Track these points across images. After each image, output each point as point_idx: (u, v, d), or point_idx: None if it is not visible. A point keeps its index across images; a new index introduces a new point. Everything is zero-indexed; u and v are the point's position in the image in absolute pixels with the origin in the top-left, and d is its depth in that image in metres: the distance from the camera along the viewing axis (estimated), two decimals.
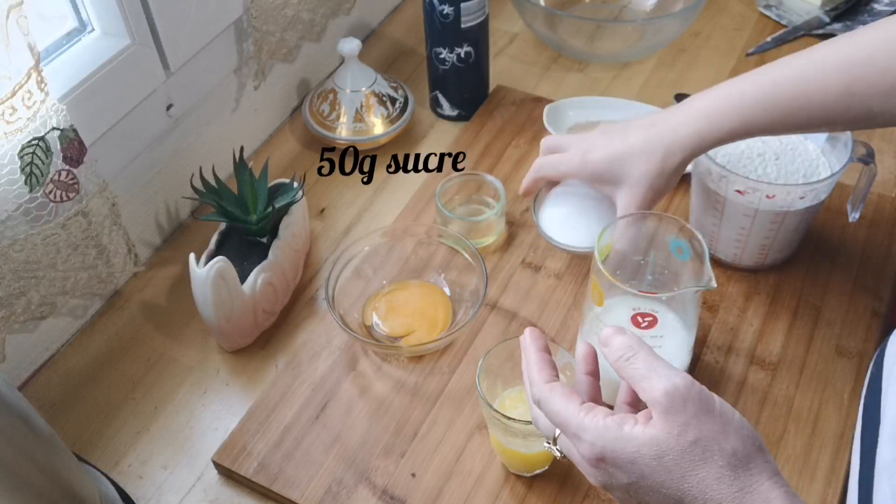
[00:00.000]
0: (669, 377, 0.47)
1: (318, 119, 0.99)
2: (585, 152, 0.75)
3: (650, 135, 0.72)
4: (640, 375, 0.48)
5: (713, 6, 1.17)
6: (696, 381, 0.48)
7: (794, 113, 0.66)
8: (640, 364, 0.49)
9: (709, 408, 0.47)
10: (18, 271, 0.73)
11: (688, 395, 0.46)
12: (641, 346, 0.50)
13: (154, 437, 0.76)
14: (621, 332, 0.51)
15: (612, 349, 0.51)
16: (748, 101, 0.68)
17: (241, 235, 0.83)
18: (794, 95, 0.66)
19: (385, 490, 0.70)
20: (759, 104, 0.67)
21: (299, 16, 1.00)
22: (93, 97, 0.77)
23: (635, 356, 0.49)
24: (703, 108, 0.70)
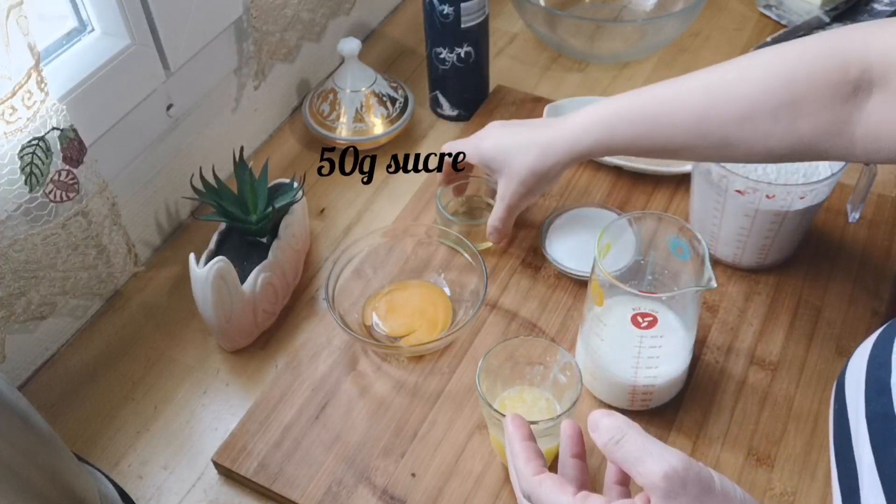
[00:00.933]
0: (666, 458, 0.45)
1: (318, 119, 0.99)
2: (481, 139, 0.82)
3: (534, 135, 0.78)
4: (634, 458, 0.47)
5: (713, 6, 1.17)
6: (692, 460, 0.46)
7: (657, 131, 0.69)
8: (632, 446, 0.47)
9: (709, 487, 0.45)
10: (18, 271, 0.73)
11: (687, 477, 0.45)
12: (631, 427, 0.48)
13: (154, 437, 0.76)
14: (609, 414, 0.50)
15: (601, 433, 0.49)
16: (619, 113, 0.72)
17: (241, 235, 0.83)
18: (659, 113, 0.69)
19: (385, 490, 0.70)
20: (626, 118, 0.71)
21: (299, 16, 1.00)
22: (93, 97, 0.77)
23: (625, 438, 0.47)
24: (581, 118, 0.74)
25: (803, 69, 0.62)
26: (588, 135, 0.74)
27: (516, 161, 0.78)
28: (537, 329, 0.81)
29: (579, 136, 0.74)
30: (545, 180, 0.78)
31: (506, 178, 0.79)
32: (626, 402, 0.73)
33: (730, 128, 0.66)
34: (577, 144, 0.75)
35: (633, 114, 0.71)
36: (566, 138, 0.75)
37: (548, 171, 0.77)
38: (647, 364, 0.69)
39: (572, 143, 0.75)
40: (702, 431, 0.72)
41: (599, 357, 0.71)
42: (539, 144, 0.77)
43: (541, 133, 0.77)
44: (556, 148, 0.76)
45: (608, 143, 0.73)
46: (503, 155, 0.79)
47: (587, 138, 0.74)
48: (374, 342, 0.79)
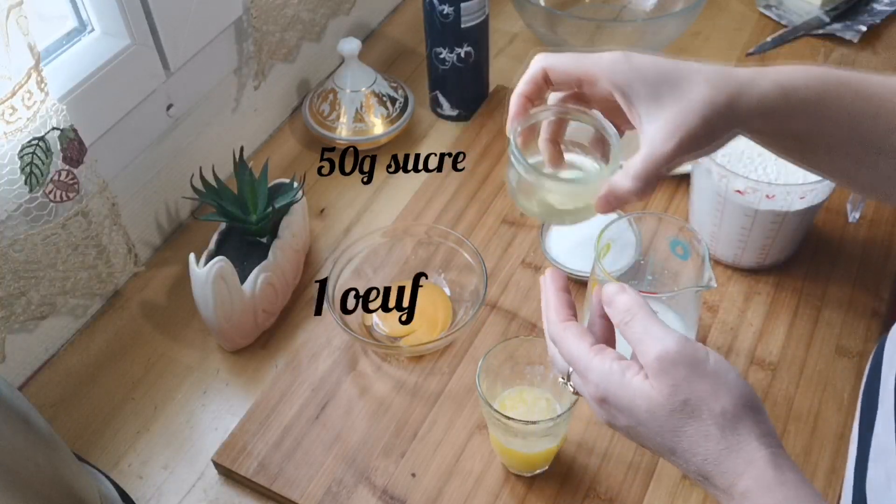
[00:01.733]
0: (662, 340, 0.48)
1: (318, 119, 0.99)
2: (627, 53, 0.56)
3: (719, 68, 0.55)
4: (637, 339, 0.50)
5: (713, 6, 1.17)
6: (689, 342, 0.49)
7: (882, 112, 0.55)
8: (638, 327, 0.50)
9: (700, 369, 0.48)
10: (18, 271, 0.73)
11: (678, 359, 0.48)
12: (640, 308, 0.51)
13: (154, 437, 0.76)
14: (623, 290, 0.52)
15: (615, 311, 0.52)
16: (836, 75, 0.55)
17: (241, 235, 0.83)
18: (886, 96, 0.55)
19: (385, 490, 0.70)
20: (847, 84, 0.55)
21: (299, 16, 1.00)
22: (93, 97, 0.77)
23: (633, 319, 0.50)
24: (780, 67, 0.55)
25: None
26: (799, 78, 0.54)
27: (699, 92, 0.53)
28: (537, 329, 0.81)
29: (789, 76, 0.54)
30: (726, 133, 0.55)
31: (675, 112, 0.53)
32: None
33: None
34: (788, 83, 0.53)
35: (861, 85, 0.55)
36: (772, 72, 0.54)
37: (744, 115, 0.54)
38: None
39: (781, 79, 0.53)
40: None
41: None
42: (738, 80, 0.54)
43: (729, 70, 0.55)
44: (759, 90, 0.53)
45: (827, 104, 0.54)
46: (674, 77, 0.54)
47: (798, 80, 0.53)
48: (374, 342, 0.79)
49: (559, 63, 0.57)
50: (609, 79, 0.55)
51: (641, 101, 0.54)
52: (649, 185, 0.55)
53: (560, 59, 0.57)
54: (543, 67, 0.57)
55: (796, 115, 0.54)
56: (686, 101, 0.53)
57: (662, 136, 0.53)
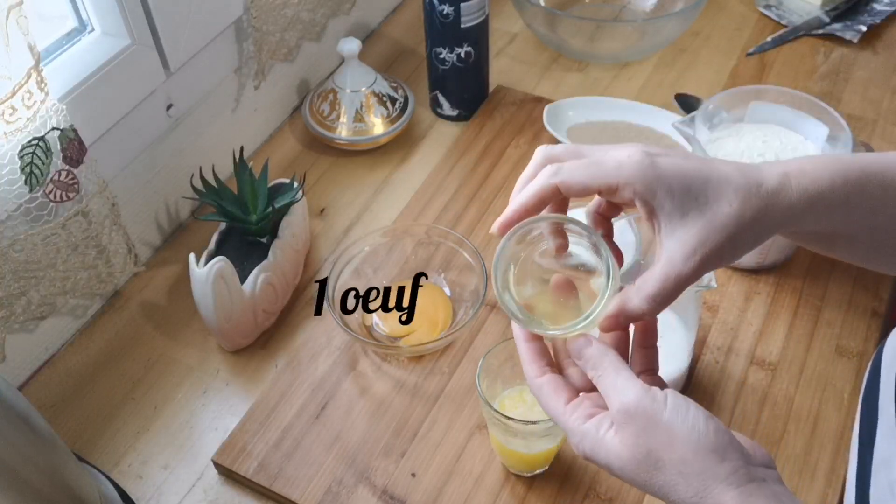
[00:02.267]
0: (623, 393, 0.49)
1: (318, 119, 0.99)
2: (650, 154, 0.50)
3: (748, 175, 0.50)
4: (605, 392, 0.50)
5: (713, 6, 1.17)
6: (648, 392, 0.49)
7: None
8: (605, 380, 0.50)
9: (656, 419, 0.48)
10: (18, 271, 0.73)
11: (637, 410, 0.48)
12: (606, 359, 0.51)
13: (154, 437, 0.76)
14: (588, 343, 0.52)
15: (585, 364, 0.52)
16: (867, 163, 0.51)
17: (241, 235, 0.83)
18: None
19: (385, 490, 0.70)
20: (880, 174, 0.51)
21: (299, 16, 1.00)
22: (93, 97, 0.77)
23: (602, 373, 0.51)
24: (807, 158, 0.52)
25: None
26: (824, 181, 0.49)
27: (729, 201, 0.49)
28: None
29: (816, 181, 0.49)
30: (753, 242, 0.50)
31: (694, 225, 0.49)
32: None
33: None
34: (815, 190, 0.49)
35: (877, 170, 0.51)
36: (797, 176, 0.50)
37: (770, 224, 0.50)
38: None
39: (807, 185, 0.49)
40: None
41: None
42: (757, 182, 0.49)
43: (746, 167, 0.50)
44: (788, 191, 0.49)
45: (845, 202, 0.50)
46: (702, 184, 0.49)
47: (824, 184, 0.49)
48: (374, 342, 0.79)
49: (573, 178, 0.51)
50: (633, 189, 0.50)
51: (664, 213, 0.50)
52: (663, 305, 0.51)
53: (575, 174, 0.51)
54: (554, 185, 0.51)
55: (821, 219, 0.51)
56: (711, 216, 0.49)
57: (683, 253, 0.49)
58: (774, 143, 0.81)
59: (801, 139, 0.81)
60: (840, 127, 0.78)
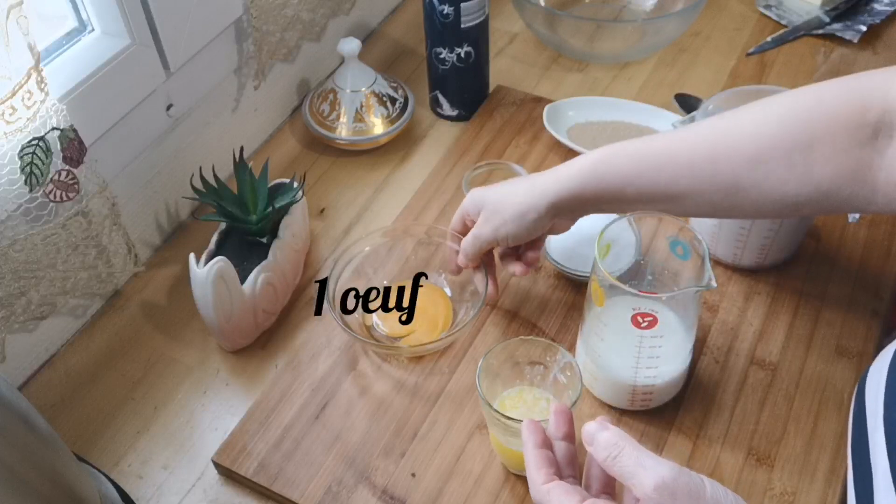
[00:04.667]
0: (656, 471, 0.47)
1: (318, 119, 0.99)
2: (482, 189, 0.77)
3: (531, 181, 0.73)
4: (629, 473, 0.49)
5: (713, 6, 1.17)
6: (683, 469, 0.48)
7: (659, 171, 0.65)
8: (627, 461, 0.49)
9: (699, 496, 0.47)
10: (18, 271, 0.73)
11: (676, 487, 0.47)
12: (626, 441, 0.50)
13: (154, 437, 0.76)
14: (604, 427, 0.52)
15: (599, 448, 0.51)
16: (613, 150, 0.68)
17: (241, 235, 0.83)
18: (661, 151, 0.65)
19: (385, 490, 0.70)
20: (622, 155, 0.67)
21: (299, 16, 1.00)
22: (93, 97, 0.77)
23: (621, 454, 0.50)
24: (576, 160, 0.70)
25: (820, 111, 0.60)
26: (577, 175, 0.69)
27: (508, 201, 0.73)
28: (537, 329, 0.81)
29: (566, 177, 0.69)
30: (526, 228, 0.72)
31: (496, 214, 0.74)
32: (626, 402, 0.73)
33: (740, 170, 0.62)
34: (559, 184, 0.69)
35: (630, 151, 0.67)
36: (553, 178, 0.70)
37: (526, 214, 0.71)
38: (647, 364, 0.69)
39: (555, 183, 0.69)
40: (702, 431, 0.72)
41: (599, 357, 0.71)
42: (531, 186, 0.71)
43: (537, 179, 0.72)
44: (538, 189, 0.70)
45: (598, 184, 0.68)
46: (500, 197, 0.74)
47: (574, 179, 0.69)
48: (374, 342, 0.79)
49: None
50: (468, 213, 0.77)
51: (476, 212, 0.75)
52: (470, 258, 0.76)
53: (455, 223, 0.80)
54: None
55: (583, 197, 0.69)
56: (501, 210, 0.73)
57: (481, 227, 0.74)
58: None
59: None
60: None
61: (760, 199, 0.63)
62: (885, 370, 0.58)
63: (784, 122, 0.61)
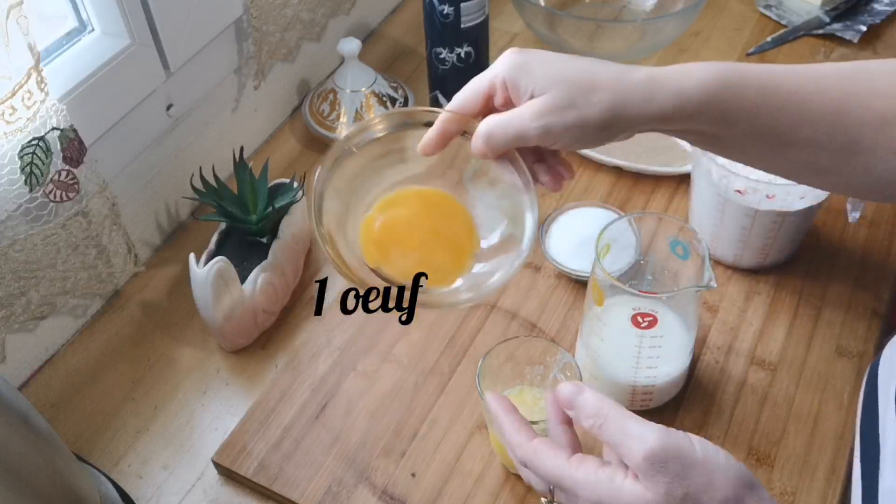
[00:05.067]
0: (643, 438, 0.46)
1: (318, 119, 0.99)
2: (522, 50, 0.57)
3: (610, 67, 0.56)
4: (616, 441, 0.48)
5: (713, 6, 1.17)
6: (670, 431, 0.47)
7: (786, 111, 0.55)
8: (613, 428, 0.48)
9: (690, 460, 0.46)
10: (18, 271, 0.73)
11: (666, 454, 0.46)
12: (609, 407, 0.49)
13: (154, 437, 0.77)
14: (581, 390, 0.50)
15: (582, 416, 0.50)
16: (744, 73, 0.55)
17: (241, 235, 0.83)
18: (793, 90, 0.55)
19: (385, 490, 0.70)
20: (755, 83, 0.55)
21: (299, 16, 1.00)
22: (93, 97, 0.77)
23: (606, 421, 0.48)
24: (687, 66, 0.55)
25: None
26: (698, 92, 0.53)
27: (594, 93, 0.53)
28: (537, 329, 0.81)
29: (683, 83, 0.53)
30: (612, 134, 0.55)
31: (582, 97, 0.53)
32: (626, 402, 0.73)
33: (866, 130, 0.54)
34: (683, 95, 0.53)
35: (760, 80, 0.55)
36: (665, 84, 0.53)
37: (632, 120, 0.54)
38: (647, 364, 0.69)
39: (677, 92, 0.53)
40: (702, 431, 0.72)
41: (599, 357, 0.71)
42: (620, 82, 0.54)
43: (620, 68, 0.55)
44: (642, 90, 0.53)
45: (717, 111, 0.54)
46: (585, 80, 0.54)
47: (691, 86, 0.53)
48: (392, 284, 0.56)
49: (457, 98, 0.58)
50: (502, 78, 0.56)
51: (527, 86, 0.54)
52: (492, 148, 0.55)
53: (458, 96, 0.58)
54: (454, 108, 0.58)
55: (690, 117, 0.54)
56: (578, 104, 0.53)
57: (532, 111, 0.53)
58: None
59: None
60: None
61: (876, 168, 0.56)
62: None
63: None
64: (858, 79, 0.56)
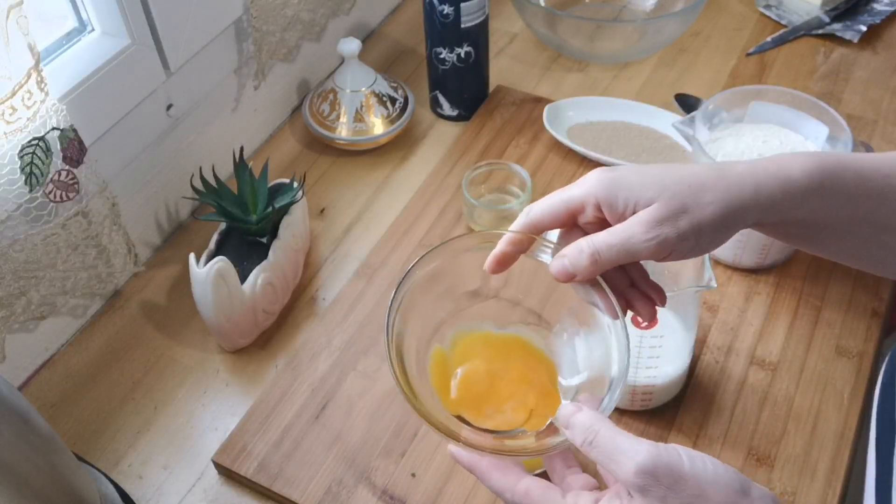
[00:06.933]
0: (634, 454, 0.46)
1: (318, 119, 0.99)
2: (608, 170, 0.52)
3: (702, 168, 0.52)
4: (607, 457, 0.48)
5: (713, 6, 1.17)
6: (660, 447, 0.47)
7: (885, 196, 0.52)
8: (604, 443, 0.48)
9: (680, 473, 0.46)
10: (18, 271, 0.73)
11: (656, 469, 0.46)
12: (601, 424, 0.49)
13: (154, 437, 0.76)
14: (577, 409, 0.50)
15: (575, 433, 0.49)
16: (841, 160, 0.52)
17: (241, 235, 0.83)
18: (888, 172, 0.52)
19: (385, 490, 0.70)
20: (853, 168, 0.52)
21: (299, 16, 1.00)
22: (93, 97, 0.77)
23: (597, 437, 0.48)
24: (779, 156, 0.53)
25: None
26: (805, 168, 0.51)
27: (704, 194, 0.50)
28: None
29: (787, 168, 0.51)
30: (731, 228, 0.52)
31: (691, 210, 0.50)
32: (626, 402, 0.73)
33: None
34: (790, 181, 0.51)
35: (862, 163, 0.52)
36: (769, 172, 0.51)
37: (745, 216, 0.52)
38: (647, 364, 0.69)
39: (784, 179, 0.51)
40: (702, 431, 0.72)
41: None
42: (725, 177, 0.51)
43: (718, 165, 0.52)
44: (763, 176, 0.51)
45: (819, 202, 0.51)
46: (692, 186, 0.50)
47: (795, 170, 0.51)
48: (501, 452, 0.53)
49: (539, 208, 0.53)
50: (595, 198, 0.51)
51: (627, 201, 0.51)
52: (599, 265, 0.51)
53: (540, 204, 0.53)
54: (525, 223, 0.54)
55: (797, 204, 0.52)
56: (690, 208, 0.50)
57: (643, 222, 0.50)
58: (774, 143, 0.81)
59: (801, 139, 0.81)
60: (840, 127, 0.78)
61: None
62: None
63: None
64: None
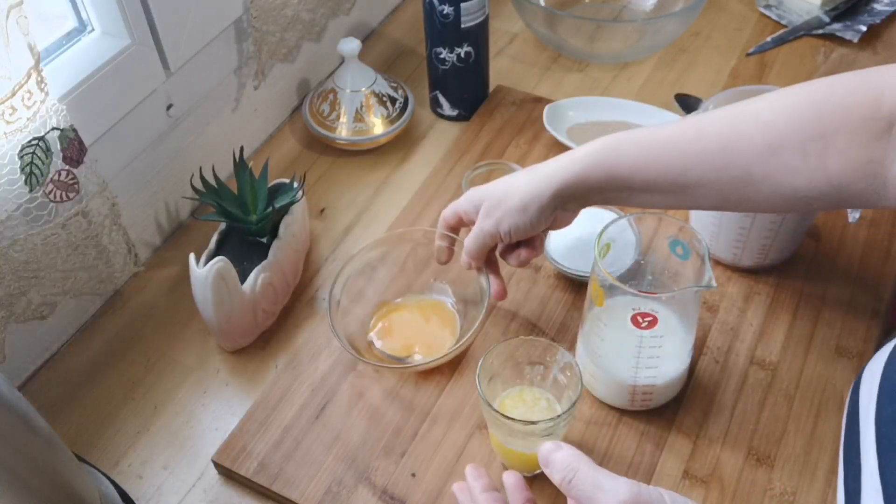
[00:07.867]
0: (615, 491, 0.47)
1: (318, 119, 0.99)
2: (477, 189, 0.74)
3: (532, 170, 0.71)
4: (587, 495, 0.48)
5: (713, 6, 1.17)
6: (641, 486, 0.48)
7: (669, 159, 0.63)
8: (584, 483, 0.49)
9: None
10: (18, 271, 0.73)
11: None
12: (580, 461, 0.50)
13: (154, 437, 0.77)
14: (558, 448, 0.51)
15: (554, 470, 0.51)
16: (621, 137, 0.66)
17: (241, 235, 0.83)
18: (673, 140, 0.64)
19: (385, 490, 0.70)
20: (631, 142, 0.65)
21: (299, 16, 1.00)
22: (93, 97, 0.77)
23: (576, 476, 0.49)
24: (581, 147, 0.68)
25: (834, 102, 0.58)
26: (582, 161, 0.67)
27: (510, 193, 0.70)
28: (537, 329, 0.81)
29: (570, 164, 0.67)
30: (530, 219, 0.70)
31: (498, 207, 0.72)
32: (626, 402, 0.73)
33: (753, 160, 0.61)
34: (564, 171, 0.67)
35: (639, 139, 0.65)
36: (557, 166, 0.68)
37: (529, 205, 0.69)
38: (648, 364, 0.69)
39: (559, 171, 0.67)
40: (702, 431, 0.72)
41: (599, 357, 0.71)
42: (532, 176, 0.69)
43: (539, 168, 0.70)
44: (541, 178, 0.68)
45: (605, 171, 0.66)
46: (502, 189, 0.72)
47: (579, 164, 0.66)
48: (381, 363, 0.78)
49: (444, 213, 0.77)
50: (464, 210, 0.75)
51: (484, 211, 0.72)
52: (474, 257, 0.75)
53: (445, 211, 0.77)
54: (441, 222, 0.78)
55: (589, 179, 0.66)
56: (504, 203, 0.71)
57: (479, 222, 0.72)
58: None
59: None
60: None
61: (771, 192, 0.62)
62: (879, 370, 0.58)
63: (798, 113, 0.60)
64: (739, 118, 0.62)
